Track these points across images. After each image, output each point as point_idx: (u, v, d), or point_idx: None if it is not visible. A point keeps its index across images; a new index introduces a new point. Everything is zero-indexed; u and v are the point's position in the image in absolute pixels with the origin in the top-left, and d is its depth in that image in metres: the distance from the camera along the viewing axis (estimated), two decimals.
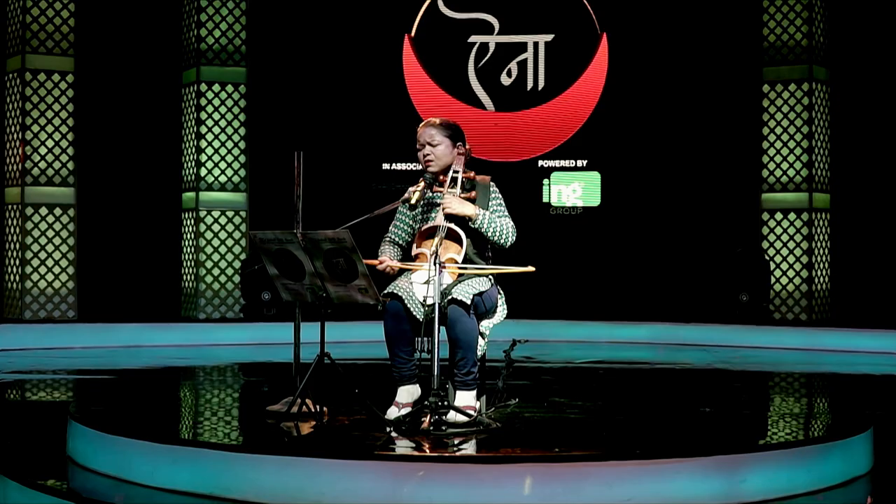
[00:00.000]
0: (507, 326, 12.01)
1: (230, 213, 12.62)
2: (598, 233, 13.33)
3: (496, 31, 13.92)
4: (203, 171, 12.53)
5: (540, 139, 13.89)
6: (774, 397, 7.38)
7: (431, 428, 5.20)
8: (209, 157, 12.54)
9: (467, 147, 6.05)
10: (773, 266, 12.43)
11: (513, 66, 13.93)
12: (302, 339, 11.67)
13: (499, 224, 5.82)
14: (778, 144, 12.50)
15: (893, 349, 11.04)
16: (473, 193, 5.84)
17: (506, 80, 13.92)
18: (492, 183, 6.02)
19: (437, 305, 5.32)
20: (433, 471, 4.65)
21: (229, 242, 12.59)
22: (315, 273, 5.37)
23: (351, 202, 13.60)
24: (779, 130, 12.50)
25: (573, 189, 13.73)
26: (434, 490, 4.61)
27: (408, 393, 5.67)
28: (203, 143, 12.52)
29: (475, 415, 5.49)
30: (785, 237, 12.43)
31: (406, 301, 5.56)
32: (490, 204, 5.88)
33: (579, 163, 13.70)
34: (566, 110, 13.85)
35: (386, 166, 13.81)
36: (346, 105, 13.62)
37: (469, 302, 5.66)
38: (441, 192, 5.84)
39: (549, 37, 13.87)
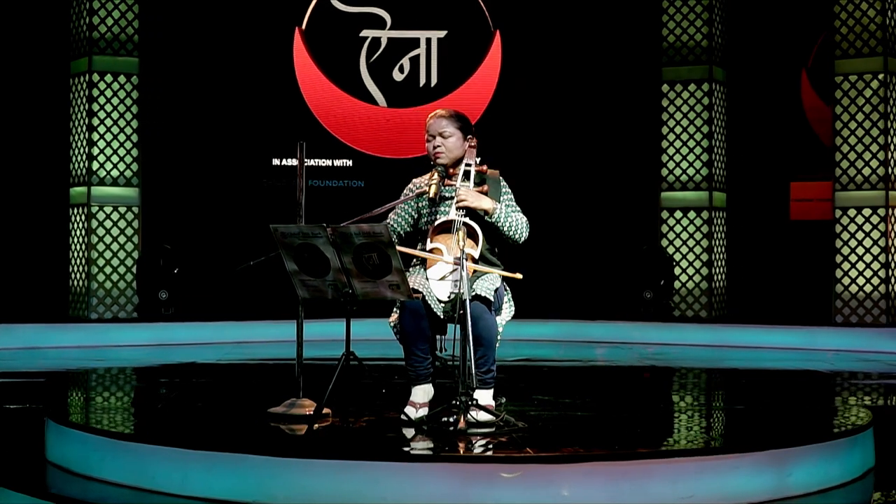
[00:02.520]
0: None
1: (122, 209, 12.11)
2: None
3: (388, 26, 13.74)
4: (95, 165, 11.99)
5: None
6: (743, 393, 7.44)
7: (467, 428, 5.03)
8: (101, 151, 12.01)
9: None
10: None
11: (405, 61, 13.78)
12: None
13: (514, 219, 5.69)
14: (678, 144, 12.67)
15: (793, 344, 11.29)
16: (485, 187, 5.69)
17: (398, 76, 13.75)
18: (501, 177, 5.88)
19: (466, 301, 5.14)
20: (500, 471, 4.49)
21: (121, 239, 12.09)
22: (341, 269, 5.13)
23: (241, 198, 13.28)
24: (678, 130, 12.66)
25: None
26: (502, 490, 4.46)
27: (424, 392, 5.49)
28: (95, 136, 11.98)
29: (500, 414, 5.33)
30: (685, 235, 12.60)
31: (426, 297, 5.38)
32: (502, 198, 5.73)
33: None
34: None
35: (276, 162, 13.49)
36: (237, 99, 13.24)
37: (492, 298, 5.53)
38: (453, 185, 5.68)
39: (442, 33, 13.76)
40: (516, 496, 4.45)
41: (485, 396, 5.44)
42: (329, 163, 13.58)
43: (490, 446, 4.84)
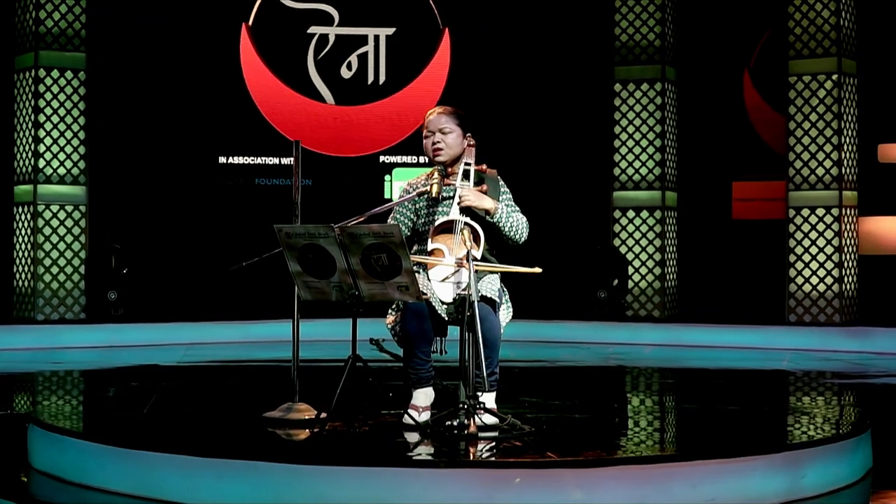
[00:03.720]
0: (363, 326, 11.77)
1: (69, 208, 11.83)
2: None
3: (336, 23, 13.59)
4: (41, 163, 11.69)
5: (381, 134, 13.65)
6: (724, 393, 7.44)
7: (477, 432, 4.94)
8: (48, 148, 11.72)
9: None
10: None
11: (353, 58, 13.63)
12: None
13: (515, 219, 5.61)
14: (630, 143, 12.68)
15: (749, 343, 11.35)
16: (484, 187, 5.59)
17: (346, 73, 13.61)
18: (499, 176, 5.79)
19: (475, 303, 5.04)
20: (525, 476, 4.41)
21: (68, 239, 11.81)
22: (347, 270, 5.01)
23: (190, 197, 13.06)
24: (631, 129, 12.68)
25: None
26: (527, 496, 4.38)
27: (425, 396, 5.38)
28: (41, 133, 11.68)
29: (506, 417, 5.25)
30: (637, 235, 12.62)
31: (430, 299, 5.27)
32: (501, 198, 5.64)
33: (421, 159, 13.52)
34: (408, 105, 13.66)
35: (223, 160, 13.27)
36: (184, 95, 13.00)
37: (497, 299, 5.45)
38: (452, 184, 5.57)
39: (391, 30, 13.64)
40: (543, 501, 4.38)
41: (489, 399, 5.35)
42: (276, 161, 13.40)
43: (509, 451, 4.76)
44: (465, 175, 5.56)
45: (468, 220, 5.41)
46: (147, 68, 12.81)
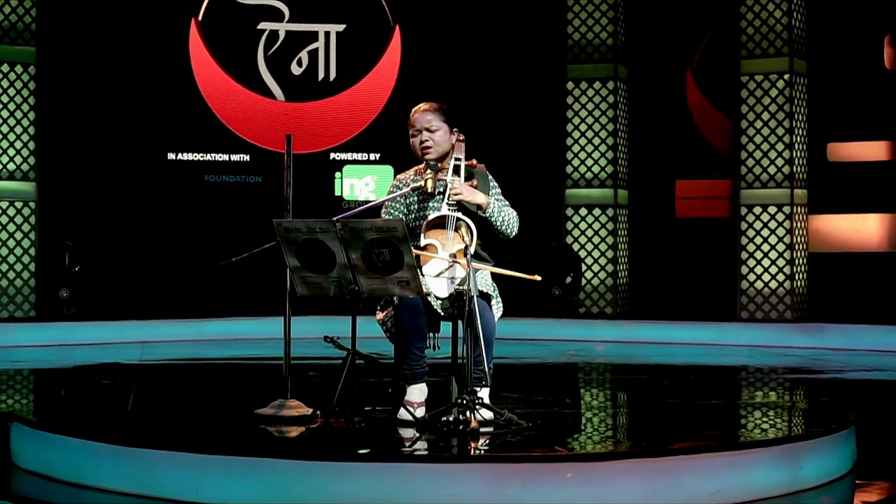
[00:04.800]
0: (315, 323, 11.77)
1: (18, 204, 11.63)
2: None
3: (287, 19, 13.49)
4: None
5: (332, 131, 13.57)
6: (696, 389, 7.49)
7: (480, 428, 4.93)
8: None
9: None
10: None
11: (303, 55, 13.55)
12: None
13: (507, 213, 5.62)
14: (583, 141, 12.74)
15: (703, 340, 11.44)
16: (474, 182, 5.58)
17: (296, 70, 13.51)
18: (487, 171, 5.78)
19: (474, 298, 5.03)
20: (536, 472, 4.40)
21: (18, 235, 11.61)
22: (347, 265, 4.97)
23: (141, 193, 12.90)
24: (583, 128, 12.73)
25: (366, 182, 13.52)
26: (539, 491, 4.38)
27: (420, 392, 5.35)
28: None
29: (503, 413, 5.24)
30: (590, 232, 12.69)
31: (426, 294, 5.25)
32: (491, 192, 5.63)
33: (372, 156, 13.49)
34: (358, 102, 13.60)
35: (171, 156, 13.12)
36: (133, 91, 12.83)
37: (492, 293, 5.45)
38: (442, 180, 5.55)
39: (341, 27, 13.57)
40: (554, 495, 4.37)
41: (484, 395, 5.34)
42: (226, 157, 13.28)
43: (516, 446, 4.75)
44: (456, 170, 5.54)
45: (460, 215, 5.40)
46: (97, 63, 12.63)
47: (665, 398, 6.62)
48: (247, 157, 13.32)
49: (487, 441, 4.83)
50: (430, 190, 5.43)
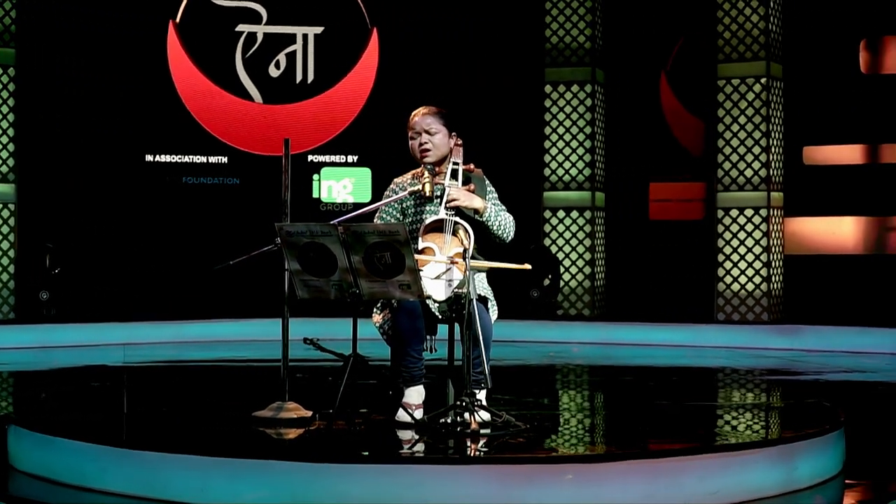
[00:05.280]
0: (294, 325, 11.72)
1: None
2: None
3: (264, 21, 13.50)
4: None
5: (309, 133, 13.59)
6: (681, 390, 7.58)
7: (480, 430, 4.99)
8: None
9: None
10: None
11: (281, 57, 13.56)
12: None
13: (503, 218, 5.68)
14: (560, 144, 12.82)
15: (680, 342, 11.53)
16: (471, 186, 5.64)
17: (274, 72, 13.53)
18: (484, 176, 5.84)
19: (473, 301, 5.10)
20: (540, 472, 4.46)
21: None
22: (349, 268, 5.02)
23: (115, 195, 12.88)
24: (561, 131, 12.81)
25: (344, 185, 13.55)
26: (543, 491, 4.44)
27: (418, 394, 5.40)
28: None
29: (501, 415, 5.30)
30: (567, 234, 12.77)
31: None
32: (488, 197, 5.70)
33: (350, 158, 13.52)
34: (336, 105, 13.63)
35: (149, 158, 13.10)
36: (113, 93, 12.81)
37: (489, 297, 5.51)
38: (441, 184, 5.60)
39: (319, 29, 13.60)
40: (557, 496, 4.44)
41: (482, 397, 5.40)
42: (203, 159, 13.28)
43: (519, 447, 4.82)
44: (454, 174, 5.60)
45: (458, 219, 5.46)
46: (77, 65, 12.60)
47: (655, 400, 6.70)
48: (224, 159, 13.33)
49: (489, 443, 4.88)
50: (428, 194, 5.49)
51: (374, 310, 5.58)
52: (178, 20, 13.20)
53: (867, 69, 12.48)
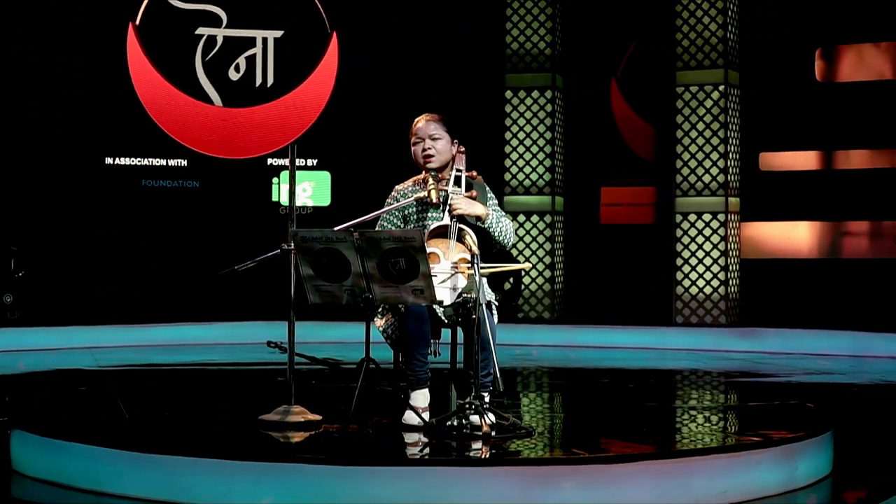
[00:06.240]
0: (257, 328, 11.80)
1: None
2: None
3: (224, 24, 13.44)
4: None
5: (269, 137, 13.50)
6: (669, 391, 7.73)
7: (492, 432, 5.09)
8: None
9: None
10: None
11: (241, 60, 13.43)
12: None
13: (504, 224, 5.80)
14: (521, 149, 12.95)
15: (641, 344, 11.72)
16: (473, 192, 5.75)
17: (234, 75, 13.42)
18: (485, 182, 5.96)
19: (483, 306, 5.21)
20: (559, 474, 4.58)
21: None
22: (362, 274, 5.11)
23: (76, 198, 12.81)
24: (521, 136, 12.95)
25: (303, 188, 13.56)
26: (563, 494, 4.55)
27: (424, 397, 5.50)
28: None
29: (509, 417, 5.40)
30: (528, 238, 12.91)
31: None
32: (488, 203, 5.81)
33: (309, 162, 13.56)
34: (295, 108, 13.51)
35: (109, 160, 13.05)
36: (70, 95, 12.75)
37: (494, 301, 5.62)
38: (444, 190, 5.71)
39: (279, 33, 13.55)
40: (574, 497, 4.55)
41: (487, 400, 5.50)
42: (163, 162, 13.24)
43: (535, 449, 4.93)
44: (457, 181, 5.72)
45: (463, 225, 5.57)
46: (35, 66, 12.51)
47: (642, 402, 6.83)
48: (184, 163, 13.30)
49: (503, 444, 4.98)
50: (434, 200, 5.58)
51: (377, 314, 5.66)
52: (137, 22, 13.12)
53: (822, 77, 12.77)
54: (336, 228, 5.31)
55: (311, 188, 13.54)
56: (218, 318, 11.96)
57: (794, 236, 12.85)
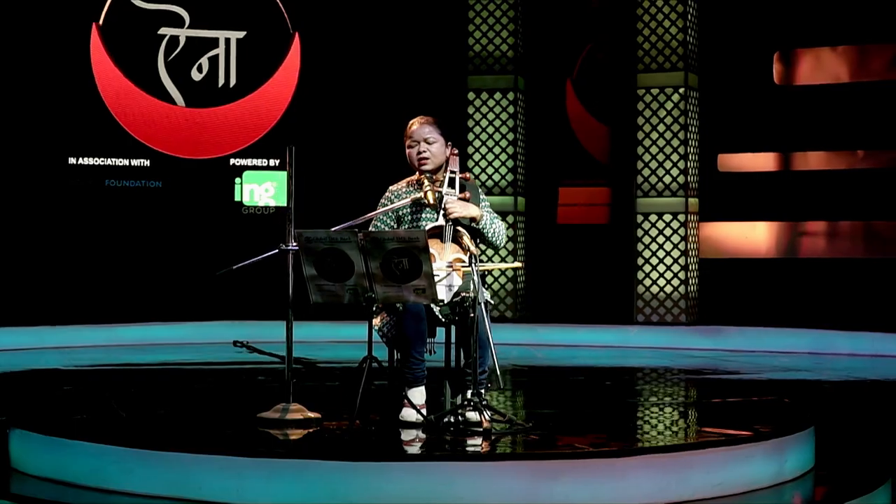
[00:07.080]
0: (223, 328, 11.80)
1: None
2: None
3: (187, 25, 13.52)
4: None
5: (232, 137, 13.65)
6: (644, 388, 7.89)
7: (491, 428, 5.22)
8: None
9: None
10: None
11: (204, 61, 13.59)
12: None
13: (497, 225, 5.92)
14: (483, 150, 13.07)
15: (604, 342, 11.89)
16: (467, 194, 5.87)
17: (197, 76, 13.55)
18: (477, 184, 6.07)
19: (481, 305, 5.35)
20: (565, 468, 4.71)
21: None
22: (365, 273, 5.21)
23: (39, 198, 12.78)
24: (484, 137, 13.07)
25: (266, 188, 13.63)
26: (569, 487, 4.68)
27: (420, 394, 5.63)
28: None
29: (507, 413, 5.54)
30: None
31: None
32: (481, 205, 5.94)
33: (272, 162, 13.62)
34: (258, 109, 13.70)
35: (72, 161, 13.03)
36: (32, 95, 12.70)
37: (490, 300, 5.74)
38: (439, 191, 5.82)
39: (242, 34, 13.66)
40: (582, 490, 4.69)
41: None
42: (126, 162, 13.24)
43: (539, 444, 5.06)
44: (451, 183, 5.83)
45: (458, 227, 5.69)
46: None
47: (623, 398, 6.98)
48: (147, 162, 13.30)
49: (506, 440, 5.10)
50: (432, 202, 5.70)
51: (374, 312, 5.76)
52: (101, 23, 13.14)
53: (780, 80, 13.02)
54: (334, 229, 5.41)
55: (274, 188, 13.61)
56: (184, 317, 11.98)
57: (753, 236, 13.10)
